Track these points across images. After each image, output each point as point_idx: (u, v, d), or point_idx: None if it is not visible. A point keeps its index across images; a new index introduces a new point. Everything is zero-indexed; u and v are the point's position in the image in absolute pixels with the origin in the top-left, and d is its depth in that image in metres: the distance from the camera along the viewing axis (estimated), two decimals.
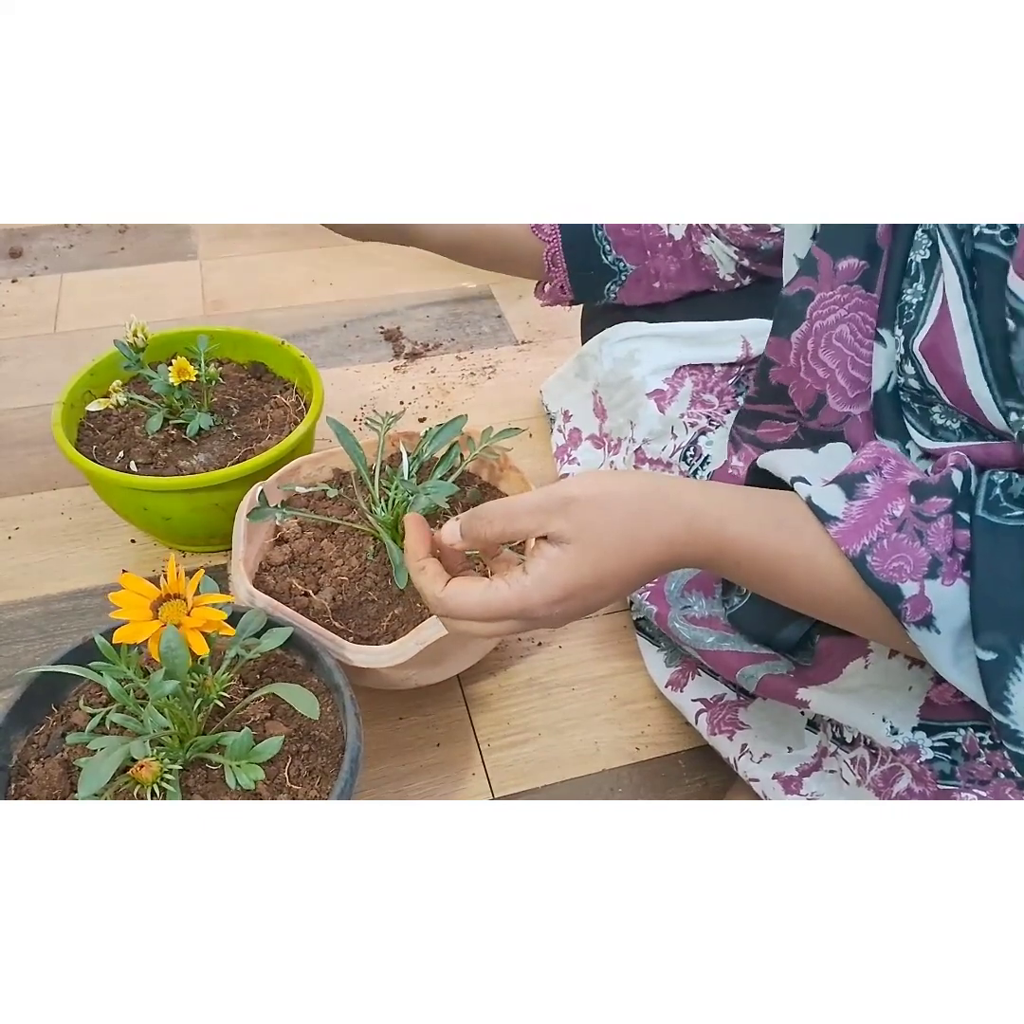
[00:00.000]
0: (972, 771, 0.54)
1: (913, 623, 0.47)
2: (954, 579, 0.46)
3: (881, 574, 0.47)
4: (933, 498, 0.48)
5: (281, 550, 0.83)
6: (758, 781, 0.71)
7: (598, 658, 0.92)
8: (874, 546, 0.48)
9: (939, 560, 0.47)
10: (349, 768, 0.62)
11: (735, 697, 0.76)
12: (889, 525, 0.48)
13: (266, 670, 0.70)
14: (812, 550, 0.50)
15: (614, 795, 0.81)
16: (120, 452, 0.93)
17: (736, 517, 0.52)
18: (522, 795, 0.81)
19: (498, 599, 0.51)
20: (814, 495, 0.51)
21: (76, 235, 1.50)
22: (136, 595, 0.58)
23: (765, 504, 0.53)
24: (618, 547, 0.51)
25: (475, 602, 0.52)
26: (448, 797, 0.80)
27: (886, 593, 0.47)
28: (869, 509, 0.49)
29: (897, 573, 0.47)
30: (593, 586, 0.51)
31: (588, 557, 0.51)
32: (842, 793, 0.65)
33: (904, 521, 0.48)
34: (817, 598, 0.52)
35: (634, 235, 0.85)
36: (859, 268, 0.59)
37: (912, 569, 0.47)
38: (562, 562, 0.51)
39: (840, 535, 0.49)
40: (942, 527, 0.47)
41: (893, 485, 0.50)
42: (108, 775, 0.56)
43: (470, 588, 0.53)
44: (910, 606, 0.47)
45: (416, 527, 0.57)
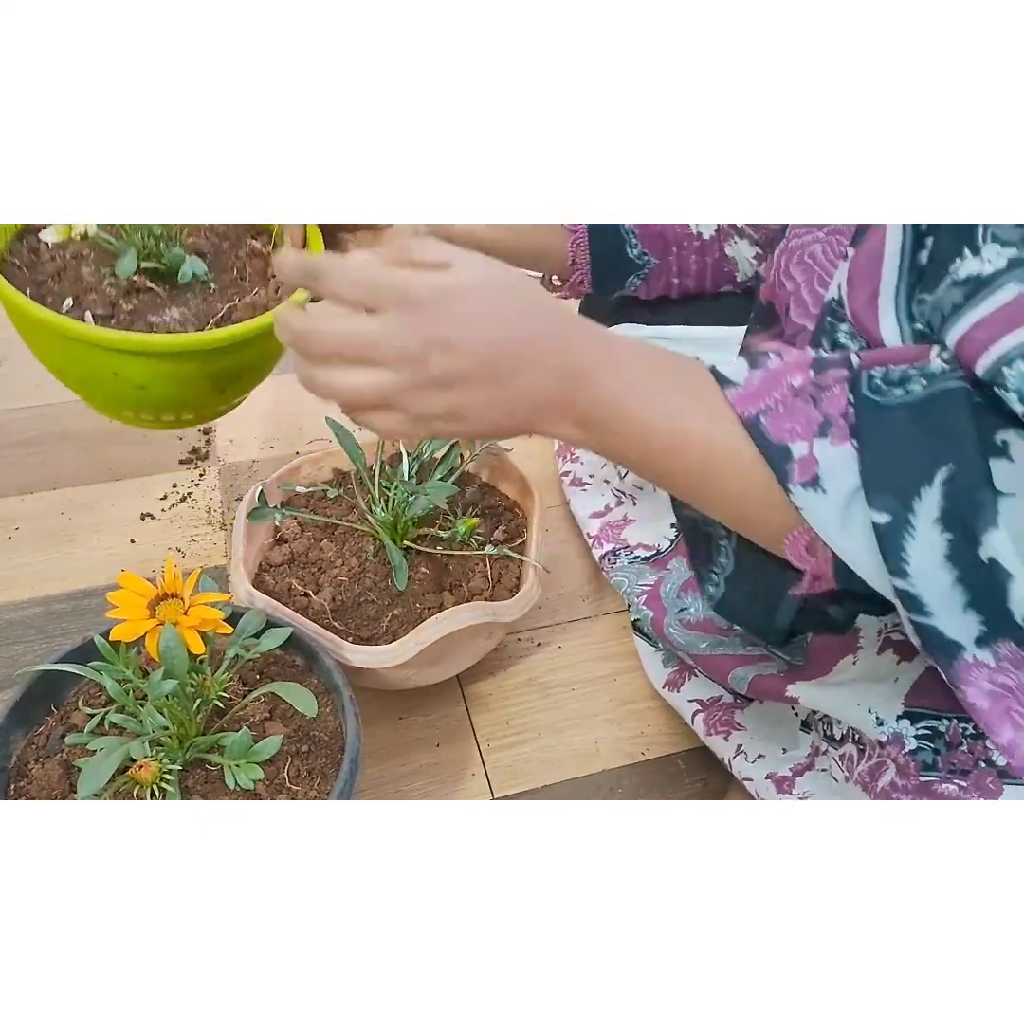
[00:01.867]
0: (954, 761, 0.55)
1: (800, 483, 0.47)
2: (844, 441, 0.47)
3: (773, 435, 0.48)
4: (831, 370, 0.49)
5: (281, 550, 0.84)
6: (751, 781, 0.71)
7: (598, 658, 0.92)
8: (770, 411, 0.48)
9: (830, 421, 0.47)
10: (348, 768, 0.62)
11: (731, 698, 0.77)
12: (787, 393, 0.48)
13: (265, 670, 0.70)
14: (707, 415, 0.50)
15: (614, 795, 0.81)
16: (67, 299, 0.72)
17: (633, 366, 0.51)
18: (522, 795, 0.81)
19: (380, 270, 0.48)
20: (718, 364, 0.51)
21: None
22: (133, 594, 0.58)
23: (669, 363, 0.52)
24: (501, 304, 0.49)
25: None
26: (448, 797, 0.80)
27: (775, 454, 0.47)
28: (769, 378, 0.49)
29: (788, 434, 0.47)
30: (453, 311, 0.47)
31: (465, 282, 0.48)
32: (831, 790, 0.65)
33: (802, 388, 0.48)
34: (699, 465, 0.50)
35: (661, 230, 0.84)
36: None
37: (803, 430, 0.47)
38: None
39: (737, 398, 0.49)
40: (837, 393, 0.48)
41: (795, 362, 0.50)
42: (107, 775, 0.56)
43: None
44: (798, 466, 0.47)
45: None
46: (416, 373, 0.48)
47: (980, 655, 0.46)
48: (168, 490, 1.06)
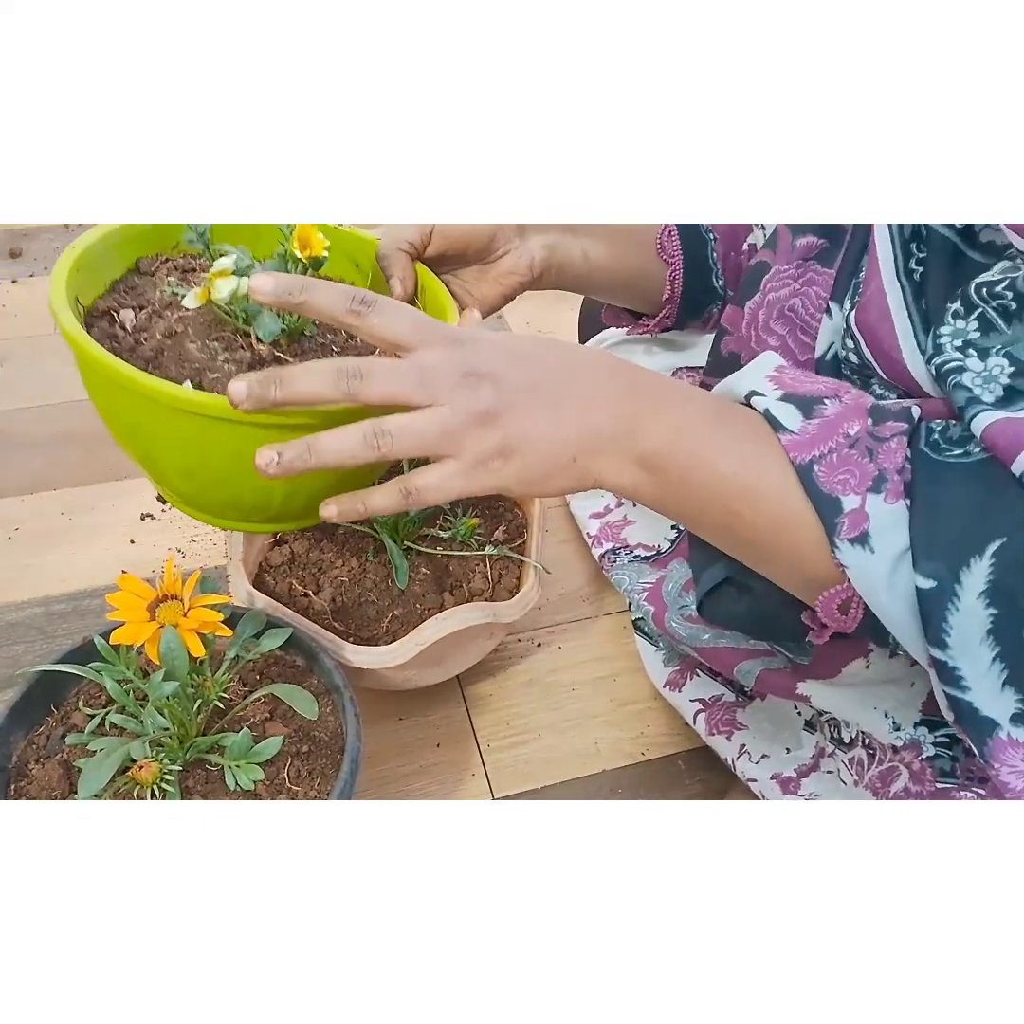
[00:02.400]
0: (972, 767, 0.54)
1: (848, 539, 0.46)
2: (897, 499, 0.45)
3: (825, 485, 0.46)
4: (890, 422, 0.48)
5: (281, 551, 0.83)
6: (756, 781, 0.71)
7: (598, 658, 0.92)
8: (824, 458, 0.47)
9: (885, 476, 0.46)
10: (349, 769, 0.62)
11: (733, 697, 0.76)
12: (842, 441, 0.47)
13: (266, 671, 0.70)
14: (760, 453, 0.48)
15: (614, 796, 0.81)
16: (183, 384, 0.57)
17: (693, 404, 0.51)
18: (522, 795, 0.81)
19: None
20: (772, 407, 0.49)
21: (76, 235, 1.49)
22: (133, 596, 0.58)
23: (725, 405, 0.52)
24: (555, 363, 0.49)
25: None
26: (448, 797, 0.80)
27: (825, 505, 0.46)
28: (825, 427, 0.48)
29: (841, 486, 0.46)
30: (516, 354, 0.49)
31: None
32: (840, 793, 0.65)
33: (858, 439, 0.47)
34: (744, 508, 0.49)
35: (739, 261, 0.81)
36: (817, 246, 0.60)
37: (857, 482, 0.46)
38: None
39: (791, 443, 0.48)
40: (894, 447, 0.47)
41: (853, 407, 0.49)
42: (108, 776, 0.56)
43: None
44: (848, 520, 0.46)
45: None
46: (468, 405, 0.47)
47: (1015, 733, 0.45)
48: None
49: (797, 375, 0.52)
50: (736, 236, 0.79)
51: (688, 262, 0.78)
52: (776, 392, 0.50)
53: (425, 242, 0.66)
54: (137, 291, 0.66)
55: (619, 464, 0.50)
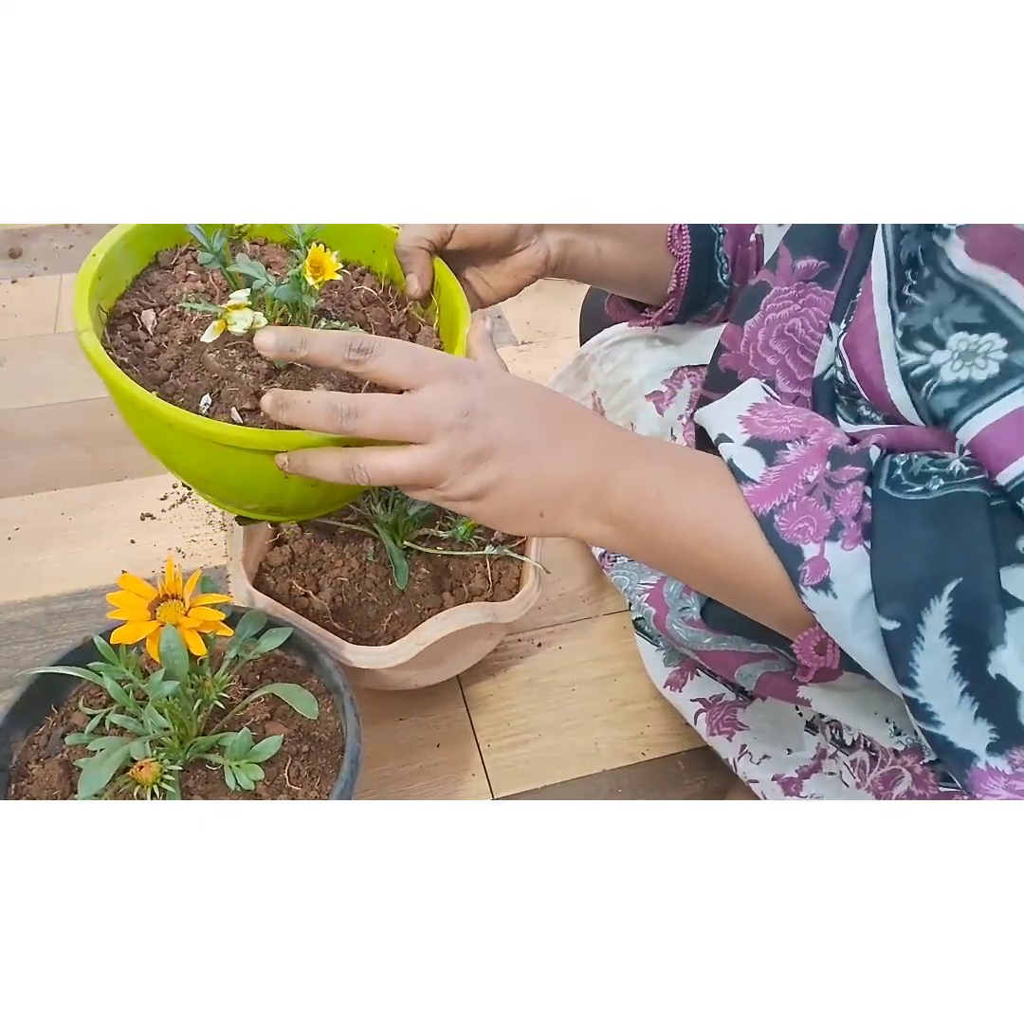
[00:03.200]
0: None
1: (811, 586, 0.47)
2: (855, 544, 0.46)
3: (786, 534, 0.48)
4: (847, 467, 0.49)
5: (281, 551, 0.83)
6: (757, 782, 0.71)
7: (598, 659, 0.92)
8: (784, 507, 0.48)
9: (842, 524, 0.47)
10: (349, 769, 0.62)
11: (734, 697, 0.76)
12: (801, 488, 0.49)
13: (266, 671, 0.70)
14: (724, 506, 0.50)
15: (614, 796, 0.81)
16: (203, 396, 0.60)
17: (647, 465, 0.53)
18: (522, 795, 0.81)
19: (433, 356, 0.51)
20: (736, 457, 0.51)
21: (76, 235, 1.50)
22: (134, 596, 0.58)
23: (686, 458, 0.54)
24: (531, 411, 0.52)
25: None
26: (448, 798, 0.80)
27: (787, 554, 0.47)
28: (786, 473, 0.49)
29: (801, 535, 0.47)
30: (493, 403, 0.51)
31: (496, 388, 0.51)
32: (842, 795, 0.65)
33: (816, 486, 0.48)
34: (712, 554, 0.51)
35: (747, 253, 0.82)
36: (818, 268, 0.60)
37: (815, 531, 0.47)
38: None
39: (752, 495, 0.49)
40: (849, 493, 0.48)
41: (815, 450, 0.50)
42: (108, 776, 0.56)
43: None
44: (809, 568, 0.47)
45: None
46: (457, 449, 0.50)
47: (994, 762, 0.45)
48: (168, 490, 1.06)
49: (768, 416, 0.53)
50: (743, 230, 0.80)
51: (695, 256, 0.79)
52: (743, 436, 0.52)
53: (445, 240, 0.68)
54: (158, 288, 0.67)
55: (586, 520, 0.53)
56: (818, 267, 0.60)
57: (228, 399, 0.60)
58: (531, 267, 0.71)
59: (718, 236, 0.79)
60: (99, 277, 0.62)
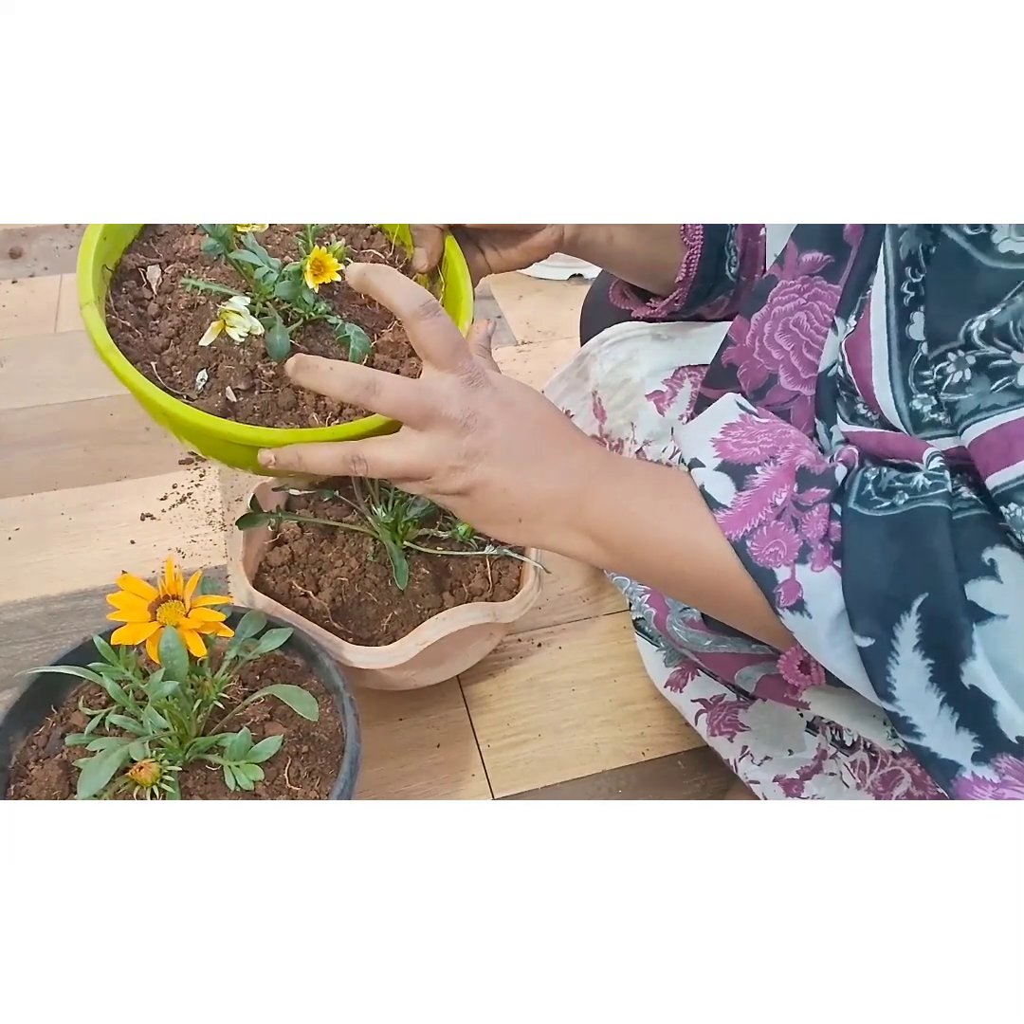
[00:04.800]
0: None
1: (786, 607, 0.48)
2: (824, 566, 0.47)
3: (759, 559, 0.48)
4: (813, 488, 0.49)
5: (281, 551, 0.83)
6: (759, 783, 0.71)
7: (598, 659, 0.92)
8: (755, 532, 0.49)
9: (810, 547, 0.48)
10: (348, 769, 0.62)
11: (735, 698, 0.76)
12: (770, 512, 0.49)
13: (266, 671, 0.70)
14: (700, 520, 0.51)
15: (614, 796, 0.81)
16: (199, 372, 0.60)
17: (625, 482, 0.55)
18: (522, 795, 0.81)
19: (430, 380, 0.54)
20: (707, 483, 0.52)
21: (76, 235, 1.50)
22: (134, 596, 0.58)
23: (664, 474, 0.56)
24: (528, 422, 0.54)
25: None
26: (448, 798, 0.80)
27: (762, 578, 0.48)
28: (755, 497, 0.50)
29: (772, 558, 0.48)
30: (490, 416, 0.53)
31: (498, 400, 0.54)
32: (842, 796, 0.65)
33: (784, 509, 0.49)
34: (687, 566, 0.53)
35: (756, 247, 0.82)
36: (823, 261, 0.60)
37: (785, 554, 0.48)
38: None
39: (725, 521, 0.50)
40: (816, 515, 0.48)
41: (783, 471, 0.51)
42: (107, 776, 0.56)
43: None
44: (783, 590, 0.48)
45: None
46: (451, 441, 0.53)
47: (980, 771, 0.45)
48: (168, 490, 1.06)
49: (740, 437, 0.54)
50: (755, 225, 0.80)
51: (707, 247, 0.80)
52: (715, 460, 0.53)
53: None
54: (165, 240, 0.67)
55: (562, 532, 0.55)
56: (823, 261, 0.60)
57: (224, 376, 0.61)
58: (544, 247, 0.73)
59: (730, 228, 0.80)
60: (104, 238, 0.62)
